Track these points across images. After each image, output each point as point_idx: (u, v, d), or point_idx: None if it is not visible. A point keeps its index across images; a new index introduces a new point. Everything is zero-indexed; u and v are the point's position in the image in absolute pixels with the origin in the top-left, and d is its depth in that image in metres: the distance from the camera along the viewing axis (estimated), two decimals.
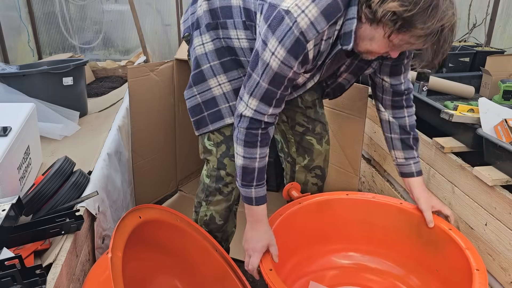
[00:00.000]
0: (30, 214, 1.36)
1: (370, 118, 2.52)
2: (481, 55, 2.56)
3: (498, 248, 1.51)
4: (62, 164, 1.44)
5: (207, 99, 1.44)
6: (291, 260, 1.52)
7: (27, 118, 1.61)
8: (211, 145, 1.50)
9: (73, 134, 2.17)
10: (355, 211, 1.59)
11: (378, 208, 1.58)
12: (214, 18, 1.39)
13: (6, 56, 3.54)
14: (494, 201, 1.53)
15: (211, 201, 1.56)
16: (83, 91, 2.50)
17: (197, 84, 1.44)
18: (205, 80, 1.43)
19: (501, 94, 2.21)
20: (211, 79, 1.42)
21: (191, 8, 1.48)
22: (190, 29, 1.46)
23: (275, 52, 1.14)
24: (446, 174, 1.81)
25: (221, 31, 1.39)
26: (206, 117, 1.46)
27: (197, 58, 1.42)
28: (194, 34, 1.43)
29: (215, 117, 1.45)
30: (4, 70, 2.36)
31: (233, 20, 1.36)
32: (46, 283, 0.99)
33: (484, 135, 1.63)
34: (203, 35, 1.41)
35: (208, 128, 1.47)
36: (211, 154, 1.50)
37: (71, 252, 1.22)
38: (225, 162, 1.49)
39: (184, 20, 1.51)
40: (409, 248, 1.54)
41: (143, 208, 1.35)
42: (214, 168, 1.51)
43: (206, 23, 1.40)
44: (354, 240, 1.62)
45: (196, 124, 1.49)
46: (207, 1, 1.41)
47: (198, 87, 1.44)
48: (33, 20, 3.94)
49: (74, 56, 3.65)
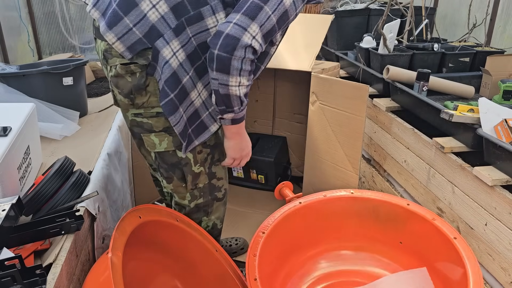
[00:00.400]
0: (30, 214, 1.36)
1: (370, 118, 2.52)
2: (481, 55, 2.56)
3: (498, 248, 1.51)
4: (62, 164, 1.44)
5: (190, 115, 1.29)
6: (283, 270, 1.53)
7: (27, 118, 1.61)
8: (199, 167, 1.40)
9: (73, 134, 2.17)
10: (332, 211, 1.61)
11: (333, 203, 1.59)
12: (179, 16, 1.18)
13: (6, 56, 3.54)
14: (494, 201, 1.53)
15: (210, 212, 1.53)
16: (83, 91, 2.49)
17: (182, 102, 1.25)
18: (188, 95, 1.26)
19: (501, 94, 2.21)
20: (192, 91, 1.27)
21: (127, 18, 1.18)
22: (145, 43, 1.19)
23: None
24: (446, 174, 1.81)
25: (189, 29, 1.20)
26: (191, 134, 1.32)
27: (175, 73, 1.21)
28: (158, 46, 1.18)
29: (199, 130, 1.33)
30: (4, 70, 2.35)
31: (210, 5, 1.19)
32: (46, 283, 0.99)
33: (484, 135, 1.63)
34: (171, 43, 1.19)
35: (194, 143, 1.33)
36: (200, 176, 1.42)
37: (71, 252, 1.22)
38: (213, 170, 1.45)
39: (121, 35, 1.18)
40: (371, 231, 1.57)
41: (143, 208, 1.35)
42: (206, 184, 1.45)
43: (173, 27, 1.18)
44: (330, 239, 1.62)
45: (185, 147, 1.32)
46: (164, 0, 1.18)
47: (183, 105, 1.26)
48: (33, 20, 3.95)
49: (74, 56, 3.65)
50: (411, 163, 2.08)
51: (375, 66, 2.59)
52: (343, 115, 1.68)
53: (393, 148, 2.26)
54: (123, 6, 1.18)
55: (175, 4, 1.18)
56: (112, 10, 1.19)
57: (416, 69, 2.29)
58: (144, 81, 1.23)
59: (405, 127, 2.12)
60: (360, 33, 3.17)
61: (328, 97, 1.73)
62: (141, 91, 1.25)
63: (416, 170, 2.04)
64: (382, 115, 2.37)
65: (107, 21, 1.19)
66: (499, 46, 2.94)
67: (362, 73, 2.71)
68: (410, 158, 2.09)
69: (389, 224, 1.53)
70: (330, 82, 1.72)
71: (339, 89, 1.69)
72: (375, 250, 1.56)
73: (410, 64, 2.51)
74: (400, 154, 2.19)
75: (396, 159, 2.23)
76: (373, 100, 2.44)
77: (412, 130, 2.06)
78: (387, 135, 2.32)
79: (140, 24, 1.18)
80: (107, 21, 1.19)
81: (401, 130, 2.16)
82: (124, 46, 1.19)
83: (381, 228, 1.55)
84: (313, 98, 1.79)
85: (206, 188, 1.47)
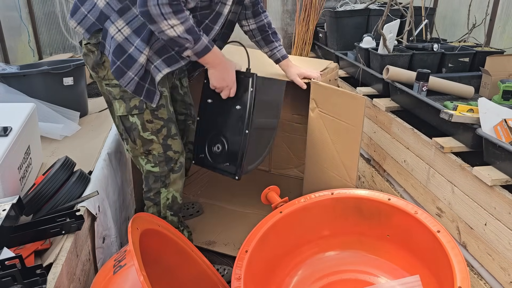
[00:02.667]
0: (31, 214, 1.36)
1: (370, 118, 2.52)
2: (481, 55, 2.57)
3: (497, 248, 1.51)
4: (63, 164, 1.45)
5: (142, 75, 1.47)
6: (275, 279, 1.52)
7: (27, 118, 1.61)
8: (149, 135, 1.56)
9: (73, 134, 2.17)
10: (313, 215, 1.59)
11: (313, 208, 1.58)
12: (123, 0, 1.42)
13: (7, 56, 3.55)
14: (493, 201, 1.53)
15: (168, 183, 1.63)
16: (83, 91, 2.50)
17: (131, 67, 1.45)
18: (136, 60, 1.44)
19: (501, 94, 2.21)
20: (140, 57, 1.44)
21: (83, 7, 1.48)
22: (97, 25, 1.46)
23: None
24: (446, 174, 1.82)
25: (134, 8, 1.41)
26: (149, 85, 1.50)
27: (120, 45, 1.43)
28: (106, 26, 1.44)
29: (153, 81, 1.50)
30: (5, 70, 2.36)
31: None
32: (46, 283, 0.99)
33: (484, 135, 1.64)
34: (115, 22, 1.43)
35: (156, 94, 1.51)
36: (152, 143, 1.57)
37: (72, 252, 1.22)
38: (169, 143, 1.59)
39: (78, 22, 1.50)
40: (357, 227, 1.56)
41: (137, 217, 1.32)
42: (161, 153, 1.59)
43: (116, 10, 1.42)
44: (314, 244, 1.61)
45: (147, 98, 1.51)
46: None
47: (132, 69, 1.45)
48: (34, 20, 3.95)
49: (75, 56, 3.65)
50: (411, 163, 2.08)
51: (375, 66, 2.60)
52: (341, 125, 1.67)
53: (392, 148, 2.26)
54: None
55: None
56: (74, 3, 1.52)
57: (416, 69, 2.29)
58: (100, 57, 1.49)
59: (404, 127, 2.13)
60: (360, 33, 3.17)
61: (327, 106, 1.73)
62: (100, 66, 1.51)
63: (415, 170, 2.05)
64: (382, 115, 2.37)
65: (71, 11, 1.52)
66: (499, 46, 2.94)
67: (362, 73, 2.72)
68: (409, 158, 2.09)
69: (374, 219, 1.52)
70: (329, 90, 1.71)
71: (337, 98, 1.67)
72: (363, 245, 1.55)
73: (409, 64, 2.52)
74: (399, 154, 2.19)
75: (396, 159, 2.23)
76: (373, 100, 2.45)
77: (412, 130, 2.06)
78: (386, 135, 2.32)
79: (92, 11, 1.46)
80: (71, 11, 1.52)
81: (401, 130, 2.16)
82: (83, 29, 1.49)
83: (367, 224, 1.53)
84: (313, 104, 1.78)
85: (162, 158, 1.60)
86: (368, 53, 2.68)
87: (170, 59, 1.50)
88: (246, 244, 1.42)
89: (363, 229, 1.55)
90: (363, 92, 2.59)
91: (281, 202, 1.59)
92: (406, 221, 1.43)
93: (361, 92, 2.60)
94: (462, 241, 1.72)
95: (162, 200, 1.64)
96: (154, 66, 1.49)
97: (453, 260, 1.20)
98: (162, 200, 1.64)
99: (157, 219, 1.49)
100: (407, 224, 1.42)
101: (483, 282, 1.58)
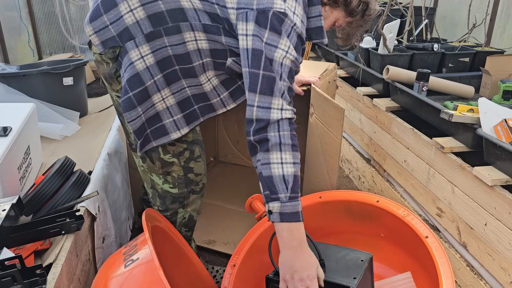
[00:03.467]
0: (30, 214, 1.36)
1: (370, 118, 2.52)
2: (481, 55, 2.57)
3: (498, 248, 1.51)
4: (63, 164, 1.45)
5: (150, 116, 1.33)
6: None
7: (27, 118, 1.61)
8: (170, 158, 1.42)
9: (73, 134, 2.17)
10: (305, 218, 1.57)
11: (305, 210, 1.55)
12: (157, 25, 1.24)
13: (6, 56, 3.55)
14: (494, 201, 1.53)
15: (187, 204, 1.53)
16: (83, 91, 2.50)
17: (142, 103, 1.30)
18: (149, 97, 1.30)
19: (501, 94, 2.21)
20: (154, 94, 1.30)
21: (106, 16, 1.27)
22: (116, 41, 1.27)
23: (288, 51, 1.18)
24: (446, 174, 1.81)
25: (167, 39, 1.25)
26: (149, 134, 1.36)
27: (139, 75, 1.27)
28: (127, 47, 1.26)
29: (158, 133, 1.36)
30: (4, 70, 2.36)
31: (189, 22, 1.25)
32: (46, 283, 0.99)
33: (484, 135, 1.63)
34: (140, 47, 1.25)
35: (152, 144, 1.38)
36: (172, 165, 1.44)
37: (72, 252, 1.22)
38: (191, 166, 1.46)
39: (97, 30, 1.28)
40: (351, 227, 1.55)
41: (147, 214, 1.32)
42: (181, 176, 1.46)
43: (145, 33, 1.24)
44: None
45: (140, 145, 1.38)
46: (142, 6, 1.24)
47: (142, 106, 1.30)
48: (33, 20, 3.95)
49: (74, 56, 3.65)
50: (411, 163, 2.08)
51: (375, 66, 2.60)
52: (327, 134, 1.66)
53: (393, 148, 2.26)
54: (105, 4, 1.28)
55: (153, 13, 1.25)
56: (96, 6, 1.29)
57: (416, 69, 2.29)
58: (114, 72, 1.33)
59: (405, 127, 2.13)
60: None
61: (319, 112, 1.72)
62: (113, 79, 1.36)
63: (416, 170, 2.05)
64: (382, 115, 2.37)
65: (90, 15, 1.30)
66: (499, 46, 2.95)
67: (362, 73, 2.72)
68: (410, 158, 2.09)
69: (365, 220, 1.51)
70: (321, 97, 1.70)
71: (325, 106, 1.66)
72: (360, 243, 1.53)
73: (410, 64, 2.51)
74: (400, 154, 2.19)
75: (396, 159, 2.23)
76: (373, 100, 2.44)
77: (412, 130, 2.06)
78: (387, 135, 2.32)
79: (116, 23, 1.27)
80: (90, 15, 1.30)
81: (401, 130, 2.16)
82: (99, 40, 1.29)
83: (360, 223, 1.53)
84: (312, 110, 1.78)
85: (182, 180, 1.47)
86: (368, 53, 2.68)
87: (191, 115, 1.35)
88: (235, 256, 1.42)
89: (358, 228, 1.55)
90: (363, 92, 2.59)
91: (265, 211, 1.56)
92: (396, 224, 1.42)
93: (361, 92, 2.60)
94: (462, 241, 1.72)
95: (179, 219, 1.55)
96: (173, 120, 1.34)
97: (440, 269, 1.20)
98: (178, 220, 1.56)
99: (161, 216, 1.47)
100: (397, 226, 1.42)
101: (483, 282, 1.58)
